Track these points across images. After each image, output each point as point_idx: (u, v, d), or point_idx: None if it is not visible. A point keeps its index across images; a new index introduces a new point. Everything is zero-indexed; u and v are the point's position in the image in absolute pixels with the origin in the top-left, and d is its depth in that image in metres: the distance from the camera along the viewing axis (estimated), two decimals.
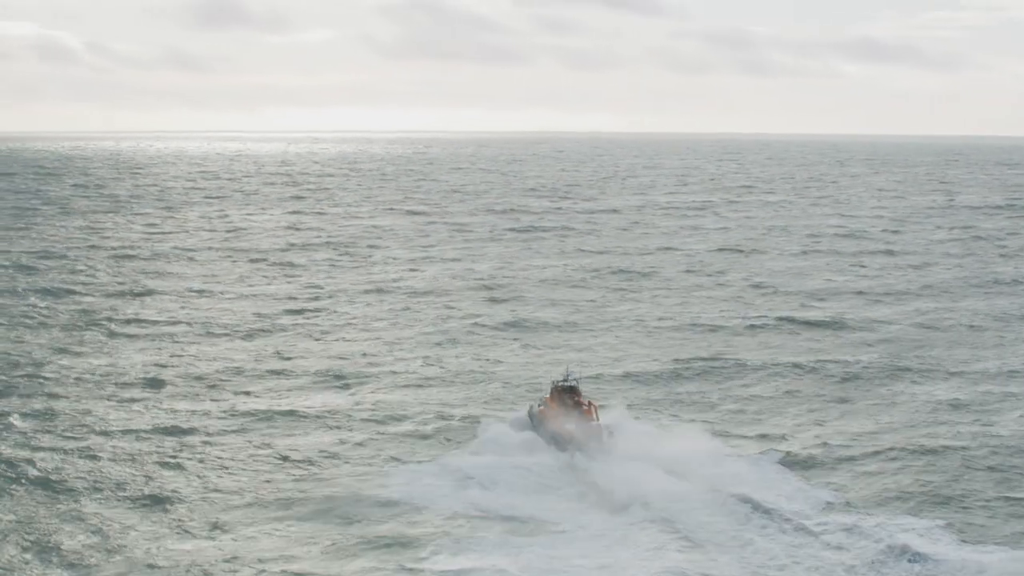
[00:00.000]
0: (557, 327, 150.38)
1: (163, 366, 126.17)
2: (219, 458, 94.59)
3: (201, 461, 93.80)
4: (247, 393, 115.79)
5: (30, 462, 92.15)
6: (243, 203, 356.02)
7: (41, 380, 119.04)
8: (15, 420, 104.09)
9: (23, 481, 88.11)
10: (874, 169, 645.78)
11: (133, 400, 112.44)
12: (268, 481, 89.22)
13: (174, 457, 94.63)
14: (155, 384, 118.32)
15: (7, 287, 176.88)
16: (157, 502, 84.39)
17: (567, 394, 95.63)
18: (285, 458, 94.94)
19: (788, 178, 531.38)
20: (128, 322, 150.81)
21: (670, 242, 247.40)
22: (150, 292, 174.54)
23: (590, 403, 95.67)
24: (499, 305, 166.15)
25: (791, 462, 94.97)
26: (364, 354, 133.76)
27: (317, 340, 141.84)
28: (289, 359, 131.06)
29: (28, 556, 74.26)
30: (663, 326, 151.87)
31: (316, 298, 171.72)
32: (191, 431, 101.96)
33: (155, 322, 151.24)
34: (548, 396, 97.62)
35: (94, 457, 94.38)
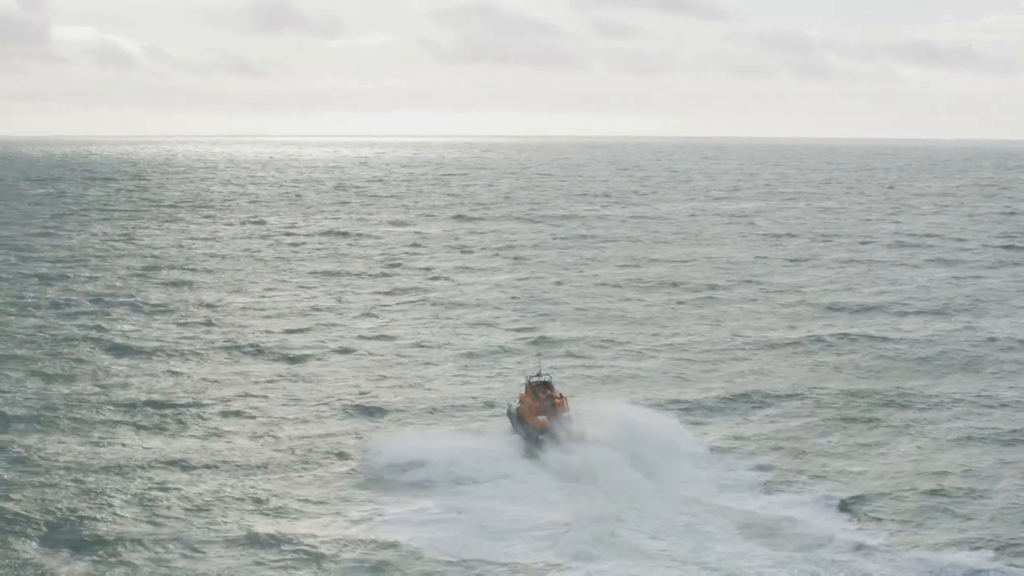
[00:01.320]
0: (590, 344, 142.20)
1: (154, 390, 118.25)
2: (192, 495, 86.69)
3: (170, 499, 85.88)
4: (240, 418, 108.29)
5: None
6: (286, 209, 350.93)
7: (22, 402, 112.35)
8: None
9: None
10: (933, 174, 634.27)
11: (115, 424, 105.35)
12: (240, 523, 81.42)
13: (142, 494, 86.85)
14: (141, 410, 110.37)
15: (17, 299, 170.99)
16: (112, 544, 77.17)
17: (541, 389, 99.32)
18: (261, 501, 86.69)
19: (842, 183, 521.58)
20: (134, 339, 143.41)
21: (718, 251, 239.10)
22: (165, 305, 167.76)
23: (561, 396, 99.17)
24: (532, 320, 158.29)
25: (834, 494, 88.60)
26: (378, 376, 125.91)
27: (329, 360, 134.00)
28: (296, 381, 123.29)
29: None
30: (702, 340, 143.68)
31: (341, 312, 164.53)
32: (168, 464, 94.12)
33: (161, 339, 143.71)
34: (523, 391, 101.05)
35: (56, 489, 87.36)
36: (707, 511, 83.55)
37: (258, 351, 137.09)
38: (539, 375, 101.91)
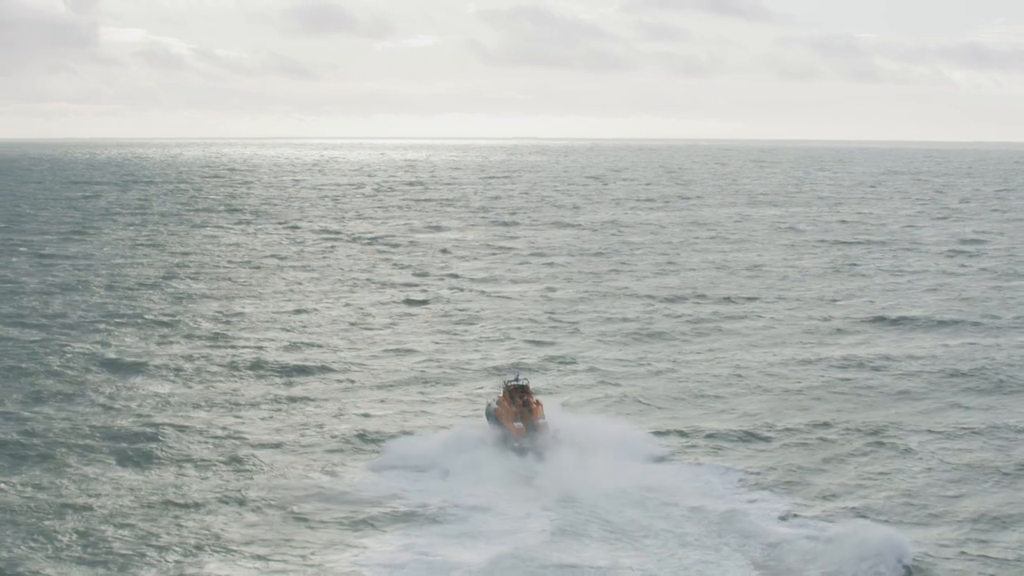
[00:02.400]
0: (612, 362, 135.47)
1: (139, 413, 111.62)
2: (154, 533, 79.95)
3: (129, 536, 79.23)
4: (224, 443, 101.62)
5: None
6: (321, 213, 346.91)
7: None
8: None
9: None
10: (984, 179, 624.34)
11: (89, 450, 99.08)
12: (198, 567, 74.80)
13: (99, 531, 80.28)
14: (121, 434, 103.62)
15: (23, 308, 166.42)
16: None
17: (518, 393, 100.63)
18: (223, 538, 79.79)
19: (890, 186, 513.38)
20: (132, 354, 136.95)
21: (758, 257, 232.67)
22: (174, 316, 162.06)
23: (538, 401, 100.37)
24: (555, 334, 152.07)
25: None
26: (382, 398, 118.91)
27: (335, 378, 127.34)
28: (293, 402, 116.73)
29: None
30: (729, 359, 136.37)
31: (359, 325, 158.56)
32: (135, 498, 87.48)
33: (161, 355, 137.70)
34: (501, 395, 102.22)
35: (10, 525, 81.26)
36: (719, 546, 78.31)
37: (260, 369, 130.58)
38: (516, 379, 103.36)
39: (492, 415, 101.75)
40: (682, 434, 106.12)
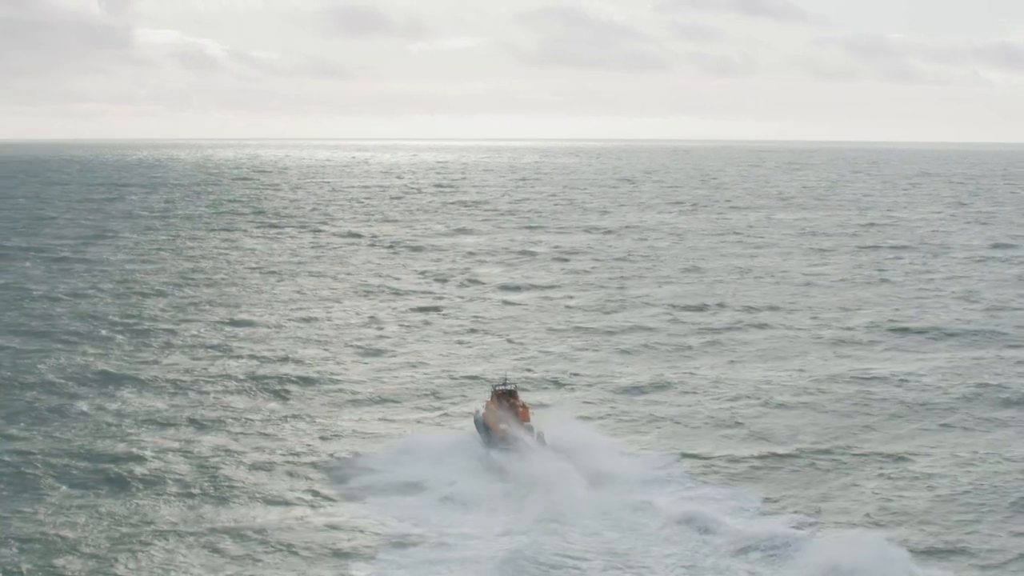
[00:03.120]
0: (624, 378, 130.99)
1: (125, 433, 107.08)
2: (126, 562, 76.03)
3: (104, 569, 75.34)
4: (210, 466, 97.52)
5: None
6: (345, 216, 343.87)
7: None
8: None
9: None
10: (1021, 184, 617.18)
11: (65, 471, 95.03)
12: None
13: (63, 566, 76.53)
14: (105, 455, 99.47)
15: (27, 316, 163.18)
16: None
17: (505, 398, 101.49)
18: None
19: (923, 187, 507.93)
20: (128, 366, 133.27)
21: (783, 263, 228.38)
22: (178, 325, 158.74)
23: (524, 406, 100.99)
24: (567, 347, 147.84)
25: None
26: (381, 415, 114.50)
27: (336, 393, 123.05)
28: (288, 420, 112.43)
29: None
30: (750, 375, 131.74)
31: (369, 335, 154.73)
32: (104, 529, 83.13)
33: (157, 365, 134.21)
34: (489, 399, 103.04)
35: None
36: (734, 569, 75.25)
37: (258, 382, 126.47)
38: (505, 384, 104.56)
39: (480, 421, 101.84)
40: (693, 453, 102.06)
